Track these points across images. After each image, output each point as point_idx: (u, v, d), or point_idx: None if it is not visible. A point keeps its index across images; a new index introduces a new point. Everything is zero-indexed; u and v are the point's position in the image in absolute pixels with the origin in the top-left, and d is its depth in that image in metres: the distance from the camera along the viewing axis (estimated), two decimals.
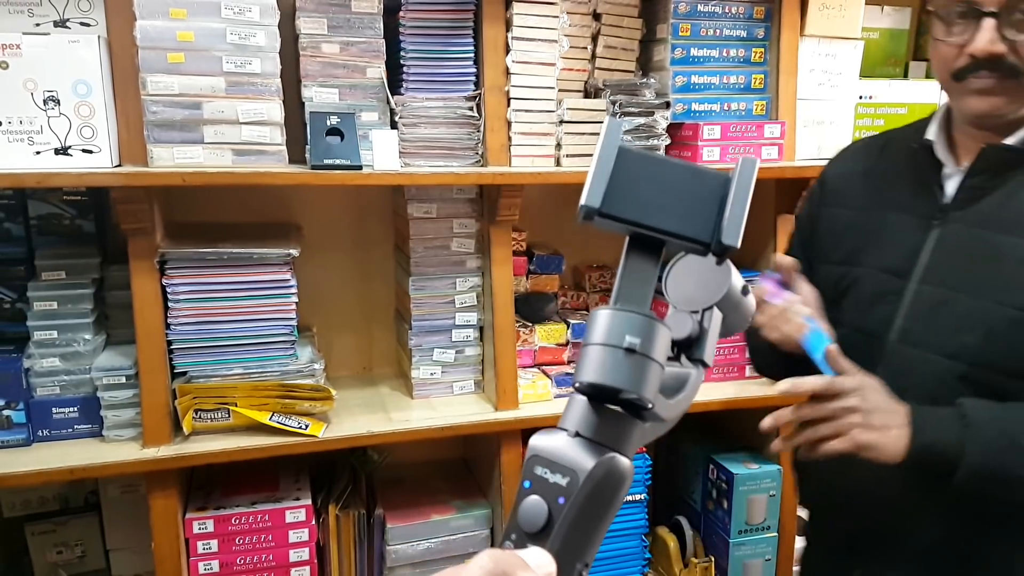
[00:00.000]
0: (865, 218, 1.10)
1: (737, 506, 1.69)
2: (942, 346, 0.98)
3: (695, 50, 1.61)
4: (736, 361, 1.74)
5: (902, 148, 1.11)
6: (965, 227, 1.00)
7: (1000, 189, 0.99)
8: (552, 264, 1.74)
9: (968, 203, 1.01)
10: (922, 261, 1.02)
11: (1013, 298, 0.95)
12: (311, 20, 1.41)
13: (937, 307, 1.00)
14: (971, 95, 0.96)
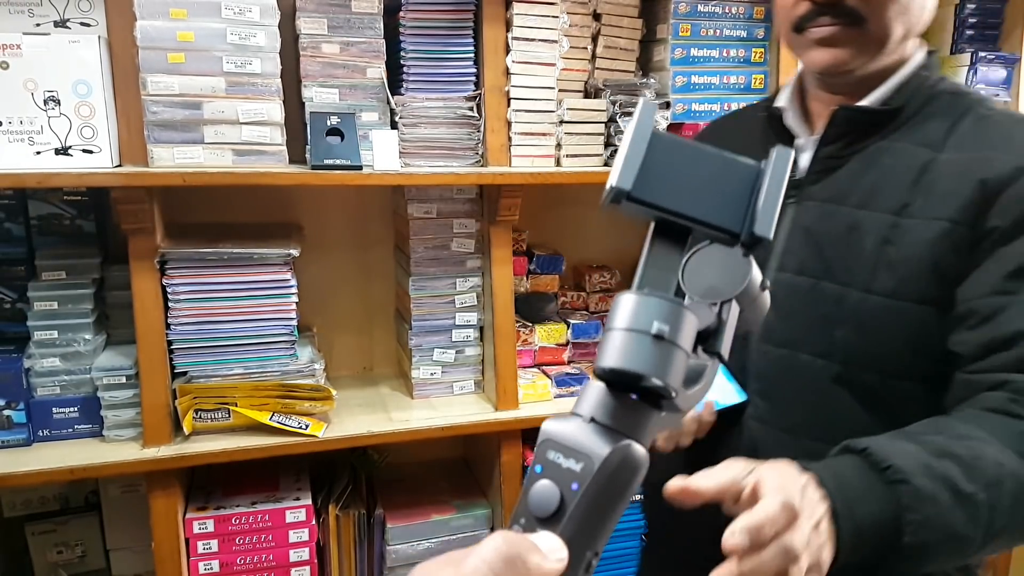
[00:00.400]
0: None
1: None
2: (811, 344, 0.86)
3: (695, 50, 1.60)
4: None
5: (753, 121, 1.00)
6: (821, 204, 0.89)
7: (857, 158, 0.88)
8: (552, 264, 1.74)
9: (823, 175, 0.89)
10: (777, 246, 0.90)
11: (881, 283, 0.83)
12: (311, 20, 1.41)
13: (799, 299, 0.87)
14: (813, 47, 0.86)
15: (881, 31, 0.83)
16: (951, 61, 1.84)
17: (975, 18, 1.82)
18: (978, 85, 1.79)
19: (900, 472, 0.66)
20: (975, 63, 1.78)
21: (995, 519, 0.68)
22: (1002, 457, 0.70)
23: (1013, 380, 0.76)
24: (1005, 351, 0.77)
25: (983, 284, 0.80)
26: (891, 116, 0.87)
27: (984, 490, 0.67)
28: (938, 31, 1.89)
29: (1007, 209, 0.80)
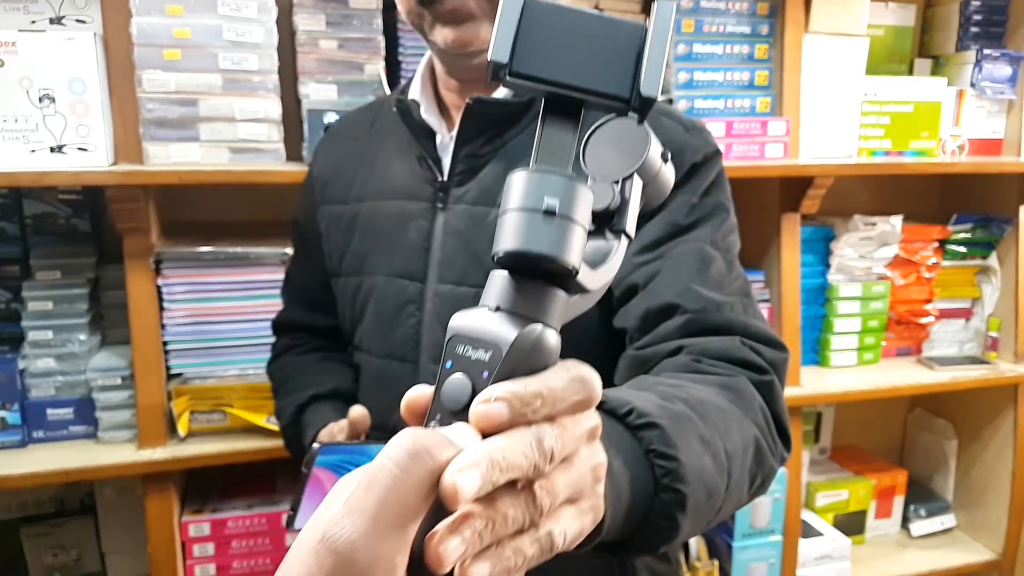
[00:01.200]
0: (366, 211, 0.90)
1: (741, 509, 1.67)
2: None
3: (698, 46, 1.59)
4: None
5: (390, 115, 0.92)
6: (470, 207, 0.83)
7: (500, 155, 0.83)
8: None
9: (467, 177, 0.84)
10: (435, 256, 0.85)
11: None
12: (309, 16, 1.40)
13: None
14: (440, 25, 0.78)
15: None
16: (956, 58, 1.83)
17: (980, 15, 1.80)
18: (984, 83, 1.77)
19: (647, 416, 0.53)
20: (980, 60, 1.76)
21: (732, 469, 0.59)
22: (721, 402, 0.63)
23: (687, 344, 0.71)
24: (668, 320, 0.73)
25: (629, 262, 0.76)
26: (527, 108, 0.83)
27: (720, 437, 0.59)
28: (943, 28, 1.87)
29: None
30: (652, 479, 0.52)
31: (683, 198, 0.79)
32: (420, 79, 0.89)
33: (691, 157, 0.81)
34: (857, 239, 1.77)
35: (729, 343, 0.71)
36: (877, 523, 2.00)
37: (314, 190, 1.00)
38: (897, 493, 2.00)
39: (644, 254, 0.77)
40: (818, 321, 1.82)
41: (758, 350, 0.71)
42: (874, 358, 1.84)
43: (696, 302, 0.73)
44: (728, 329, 0.72)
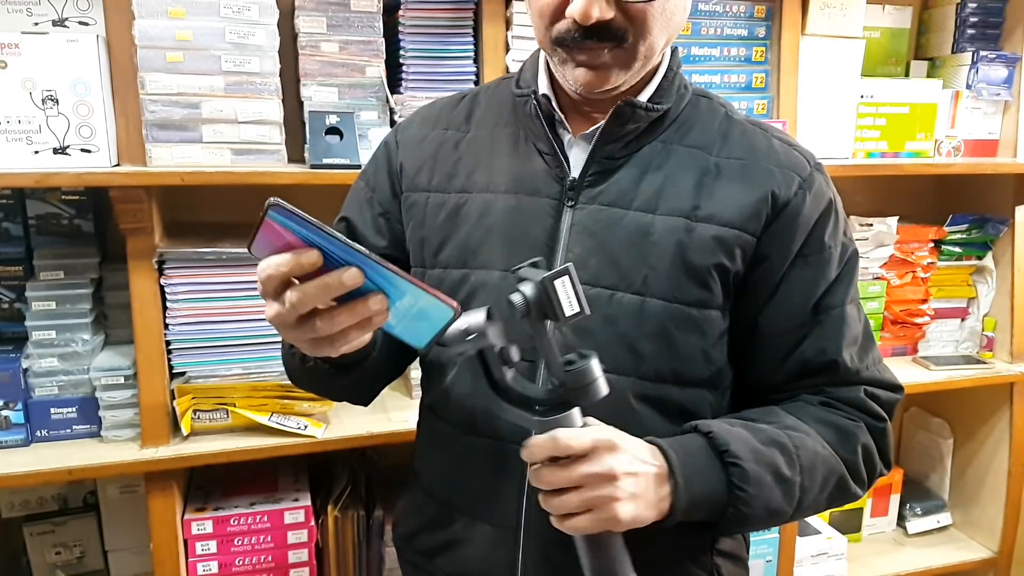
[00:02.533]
0: (476, 203, 0.87)
1: None
2: (614, 362, 0.79)
3: (696, 49, 1.60)
4: None
5: (503, 105, 0.91)
6: (604, 207, 0.83)
7: (635, 159, 0.84)
8: None
9: (601, 178, 0.83)
10: (560, 255, 0.83)
11: (683, 291, 0.81)
12: (310, 19, 1.41)
13: (596, 313, 0.78)
14: (575, 66, 0.79)
15: (648, 49, 0.79)
16: (952, 60, 1.84)
17: (976, 17, 1.81)
18: (980, 84, 1.79)
19: (736, 457, 0.76)
20: (976, 63, 1.78)
21: (804, 498, 0.81)
22: (818, 447, 0.81)
23: (828, 391, 0.86)
24: (816, 377, 0.86)
25: (791, 315, 0.84)
26: (662, 117, 0.85)
27: (800, 475, 0.79)
28: (939, 30, 1.88)
29: (790, 231, 0.83)
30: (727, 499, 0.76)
31: (833, 249, 0.85)
32: (543, 74, 0.87)
33: (828, 194, 0.86)
34: None
35: (857, 394, 0.85)
36: (873, 521, 2.01)
37: (398, 176, 0.95)
38: (893, 491, 2.01)
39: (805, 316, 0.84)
40: None
41: (878, 397, 0.87)
42: None
43: (841, 371, 0.85)
44: (859, 383, 0.86)
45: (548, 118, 0.85)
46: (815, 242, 0.84)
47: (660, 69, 0.86)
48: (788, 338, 0.85)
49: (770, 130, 0.88)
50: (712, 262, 0.81)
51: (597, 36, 0.76)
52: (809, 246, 0.83)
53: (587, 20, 0.74)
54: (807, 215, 0.83)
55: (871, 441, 0.86)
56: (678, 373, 0.83)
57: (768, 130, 0.88)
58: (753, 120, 0.89)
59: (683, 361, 0.82)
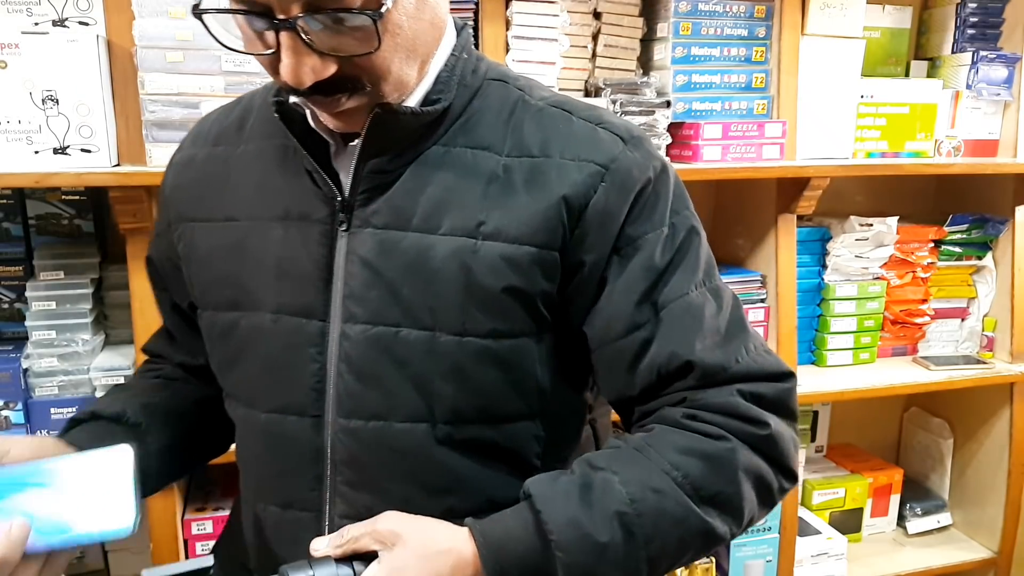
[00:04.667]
0: (243, 233, 0.75)
1: None
2: (406, 408, 0.70)
3: (696, 49, 1.60)
4: None
5: (266, 117, 0.76)
6: (380, 231, 0.71)
7: (412, 169, 0.71)
8: None
9: (374, 194, 0.71)
10: (338, 289, 0.71)
11: (474, 322, 0.70)
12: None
13: (381, 355, 0.70)
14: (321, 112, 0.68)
15: (396, 82, 0.67)
16: (952, 60, 1.84)
17: (976, 17, 1.81)
18: (980, 84, 1.79)
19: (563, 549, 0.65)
20: (976, 62, 1.78)
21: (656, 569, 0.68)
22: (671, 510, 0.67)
23: (691, 398, 0.72)
24: (676, 382, 0.72)
25: (617, 321, 0.72)
26: (442, 116, 0.72)
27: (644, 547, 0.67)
28: (939, 30, 1.88)
29: (597, 229, 0.71)
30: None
31: (651, 235, 0.72)
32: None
33: (639, 178, 0.72)
34: (853, 240, 1.78)
35: (729, 397, 0.70)
36: (873, 521, 2.01)
37: (170, 205, 0.83)
38: (893, 491, 2.01)
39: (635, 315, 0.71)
40: (814, 321, 1.84)
41: (760, 395, 0.71)
42: (870, 357, 1.85)
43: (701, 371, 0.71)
44: (731, 381, 0.71)
45: (304, 131, 0.72)
46: (630, 234, 0.71)
47: (438, 57, 0.72)
48: (627, 344, 0.72)
49: (576, 110, 0.75)
50: (504, 285, 0.69)
51: (325, 92, 0.64)
52: (622, 239, 0.71)
53: (301, 86, 0.62)
54: (615, 208, 0.71)
55: (755, 457, 0.70)
56: (485, 411, 0.73)
57: (573, 111, 0.75)
58: (557, 101, 0.76)
59: (488, 398, 0.72)
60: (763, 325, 1.72)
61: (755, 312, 1.71)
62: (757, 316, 1.72)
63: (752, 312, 1.71)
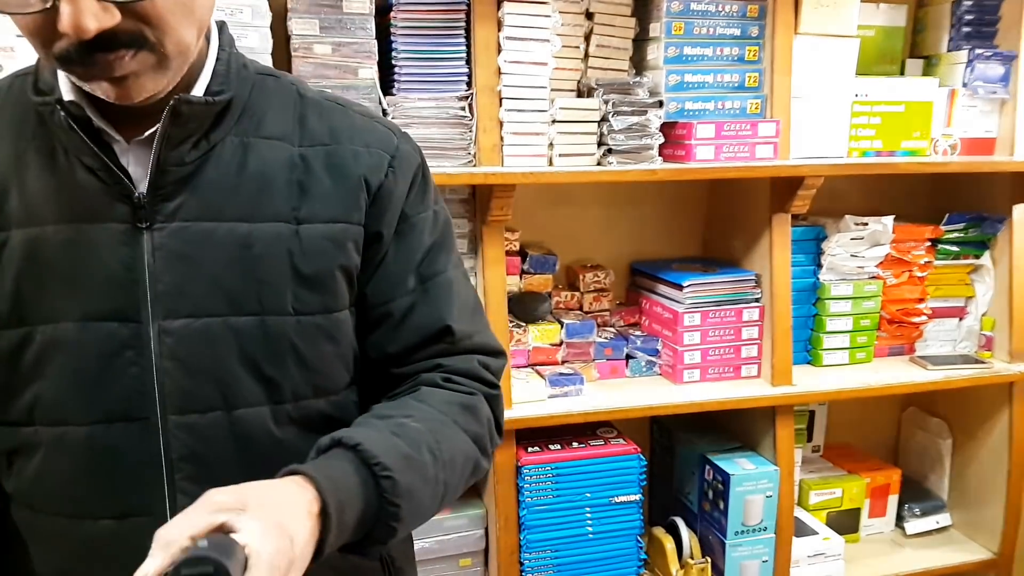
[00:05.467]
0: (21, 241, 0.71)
1: (734, 507, 1.69)
2: (246, 395, 0.72)
3: (688, 48, 1.60)
4: (731, 361, 1.73)
5: (23, 115, 0.74)
6: (191, 223, 0.72)
7: (212, 162, 0.73)
8: (545, 264, 1.74)
9: (177, 188, 0.72)
10: (150, 288, 0.71)
11: (299, 301, 0.75)
12: (303, 21, 1.42)
13: (211, 346, 0.72)
14: (96, 80, 0.65)
15: (176, 46, 0.66)
16: (948, 58, 1.83)
17: (972, 15, 1.81)
18: (976, 82, 1.78)
19: (388, 470, 0.69)
20: (972, 60, 1.77)
21: (447, 493, 0.78)
22: (456, 436, 0.79)
23: (443, 363, 0.83)
24: (433, 345, 0.83)
25: (393, 286, 0.82)
26: (227, 107, 0.75)
27: (444, 472, 0.76)
28: (935, 28, 1.88)
29: (388, 208, 0.81)
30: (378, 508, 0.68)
31: (423, 215, 0.84)
32: (65, 77, 0.70)
33: (414, 165, 0.84)
34: (848, 239, 1.78)
35: (470, 362, 0.84)
36: (871, 522, 2.01)
37: None
38: (891, 492, 2.01)
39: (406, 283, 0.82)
40: (810, 320, 1.83)
41: (488, 364, 0.86)
42: (866, 357, 1.85)
43: (455, 336, 0.83)
44: (472, 350, 0.85)
45: (86, 127, 0.70)
46: (407, 212, 0.83)
47: (209, 54, 0.75)
48: (397, 306, 0.82)
49: (349, 105, 0.84)
50: (328, 263, 0.77)
51: (107, 47, 0.62)
52: (402, 218, 0.82)
53: (85, 34, 0.60)
54: (399, 192, 0.82)
55: (489, 411, 0.85)
56: (320, 388, 0.78)
57: (347, 105, 0.84)
58: (329, 96, 0.84)
59: (322, 373, 0.78)
60: (758, 325, 1.72)
61: (749, 312, 1.71)
62: (752, 316, 1.71)
63: (746, 312, 1.71)
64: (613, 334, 1.78)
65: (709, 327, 1.70)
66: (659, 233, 1.94)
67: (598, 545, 1.65)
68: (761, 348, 1.73)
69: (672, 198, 1.92)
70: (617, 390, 1.69)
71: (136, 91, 0.67)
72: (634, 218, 1.91)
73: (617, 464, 1.64)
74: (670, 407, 1.65)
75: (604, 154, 1.57)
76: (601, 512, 1.64)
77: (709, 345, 1.71)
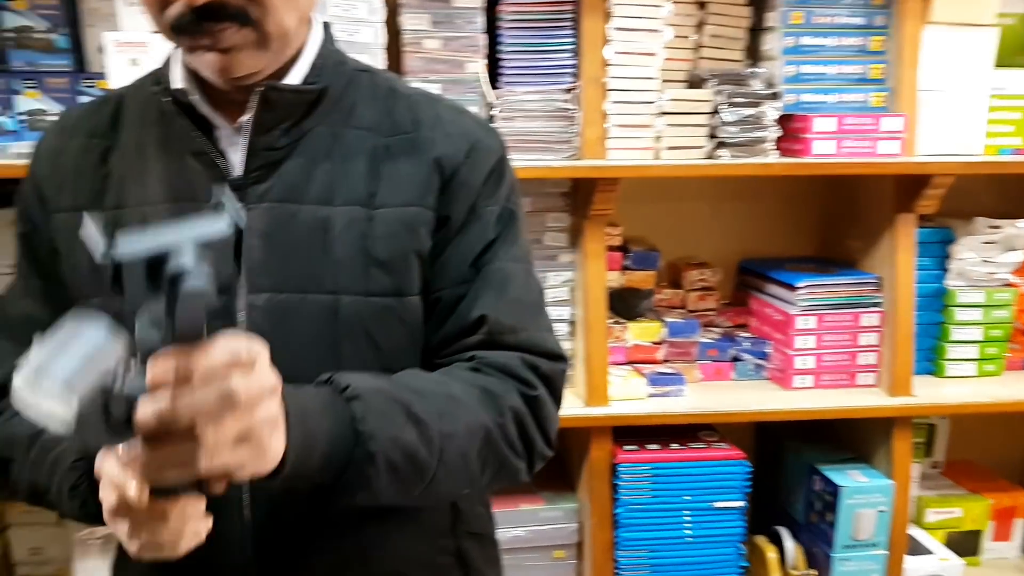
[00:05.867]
0: (131, 219, 0.77)
1: (843, 520, 1.61)
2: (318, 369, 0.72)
3: (807, 39, 1.53)
4: (846, 367, 1.65)
5: (148, 105, 0.81)
6: (276, 205, 0.77)
7: (301, 147, 0.78)
8: (648, 260, 1.70)
9: (267, 172, 0.77)
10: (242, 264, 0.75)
11: (372, 282, 0.77)
12: (414, 16, 1.44)
13: (290, 320, 0.75)
14: (203, 51, 0.72)
15: (277, 27, 0.73)
16: None
17: None
18: None
19: (355, 391, 0.68)
20: None
21: (448, 445, 0.72)
22: (461, 394, 0.74)
23: (479, 355, 0.80)
24: (469, 336, 0.80)
25: (448, 275, 0.81)
26: (319, 97, 0.80)
27: (437, 418, 0.71)
28: None
29: (460, 196, 0.81)
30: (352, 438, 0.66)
31: (491, 208, 0.83)
32: (181, 67, 0.78)
33: (493, 159, 0.84)
34: (979, 243, 1.66)
35: (510, 359, 0.80)
36: (995, 545, 1.87)
37: (42, 197, 0.83)
38: (1018, 515, 1.86)
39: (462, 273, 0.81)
40: (933, 328, 1.72)
41: (536, 365, 0.81)
42: (996, 370, 1.72)
43: (491, 326, 0.80)
44: (516, 347, 0.81)
45: (192, 114, 0.77)
46: (478, 205, 0.82)
47: (310, 47, 0.81)
48: (447, 295, 0.81)
49: (439, 100, 0.88)
50: (403, 247, 0.79)
51: (214, 17, 0.70)
52: (472, 208, 0.82)
53: (195, 2, 0.68)
54: (473, 181, 0.82)
55: (523, 407, 0.78)
56: (388, 369, 0.77)
57: (437, 100, 0.87)
58: (421, 91, 0.88)
59: (390, 354, 0.79)
60: (877, 331, 1.63)
61: (868, 317, 1.63)
62: (871, 321, 1.63)
63: (865, 317, 1.63)
64: (718, 335, 1.73)
65: (824, 331, 1.63)
66: (771, 231, 1.87)
67: (696, 549, 1.61)
68: (880, 355, 1.64)
69: (786, 194, 1.84)
70: (721, 393, 1.64)
71: (236, 65, 0.73)
72: (744, 214, 1.85)
73: (720, 468, 1.59)
74: (779, 413, 1.59)
75: (715, 147, 1.53)
76: (701, 516, 1.60)
77: (823, 350, 1.63)
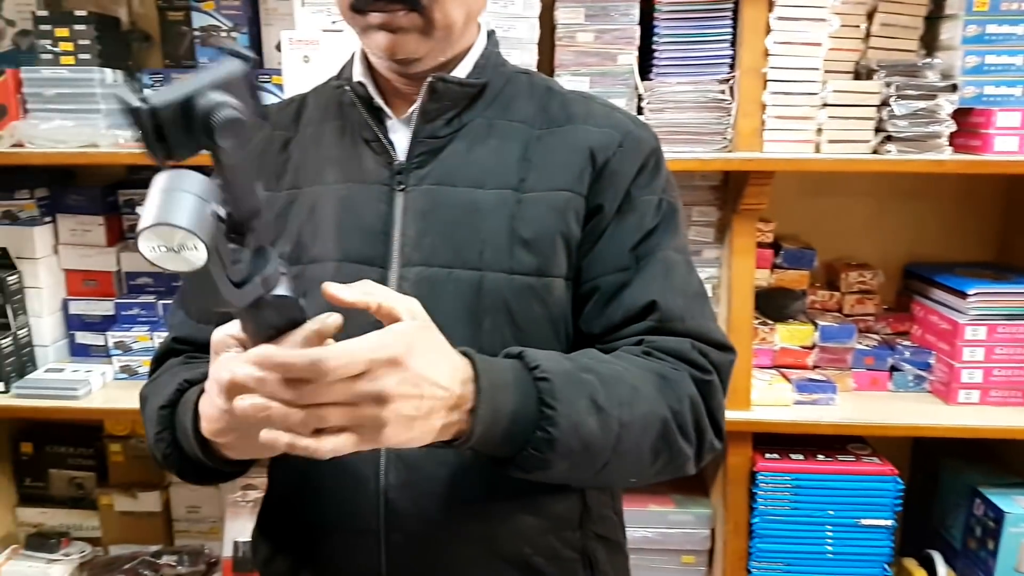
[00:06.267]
0: (305, 197, 0.86)
1: (1006, 549, 1.47)
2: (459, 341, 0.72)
3: (993, 27, 1.40)
4: (1018, 383, 1.51)
5: (329, 101, 0.91)
6: (433, 187, 0.83)
7: (461, 136, 0.84)
8: (802, 259, 1.63)
9: (429, 158, 0.84)
10: (396, 240, 0.82)
11: (520, 262, 0.81)
12: (569, 10, 1.45)
13: (437, 293, 0.79)
14: (374, 30, 0.79)
15: (442, 17, 0.79)
16: None
17: None
18: None
19: (545, 372, 0.70)
20: None
21: (625, 436, 0.73)
22: (638, 383, 0.75)
23: (648, 340, 0.80)
24: (637, 323, 0.81)
25: (605, 261, 0.83)
26: (481, 92, 0.86)
27: (618, 407, 0.72)
28: None
29: (613, 185, 0.83)
30: (535, 417, 0.68)
31: (648, 198, 0.85)
32: (360, 62, 0.88)
33: (646, 150, 0.86)
34: None
35: (681, 344, 0.80)
36: None
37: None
38: None
39: (621, 260, 0.83)
40: None
41: (706, 352, 0.81)
42: None
43: (661, 313, 0.81)
44: (685, 334, 0.81)
45: (367, 105, 0.86)
46: (632, 193, 0.84)
47: (475, 48, 0.87)
48: (607, 282, 0.83)
49: (593, 98, 0.91)
50: (549, 229, 0.82)
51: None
52: (626, 198, 0.84)
53: None
54: (626, 171, 0.84)
55: (697, 394, 0.79)
56: (524, 344, 0.76)
57: (591, 98, 0.90)
58: (577, 91, 0.92)
59: (530, 332, 0.81)
60: None
61: None
62: None
63: None
64: (877, 342, 1.63)
65: (995, 343, 1.50)
66: (942, 233, 1.73)
67: (838, 566, 1.53)
68: None
69: (961, 194, 1.70)
70: (876, 404, 1.55)
71: (401, 47, 0.80)
72: (912, 214, 1.72)
73: (869, 484, 1.50)
74: (940, 429, 1.48)
75: (881, 141, 1.44)
76: (845, 532, 1.52)
77: (994, 364, 1.51)
